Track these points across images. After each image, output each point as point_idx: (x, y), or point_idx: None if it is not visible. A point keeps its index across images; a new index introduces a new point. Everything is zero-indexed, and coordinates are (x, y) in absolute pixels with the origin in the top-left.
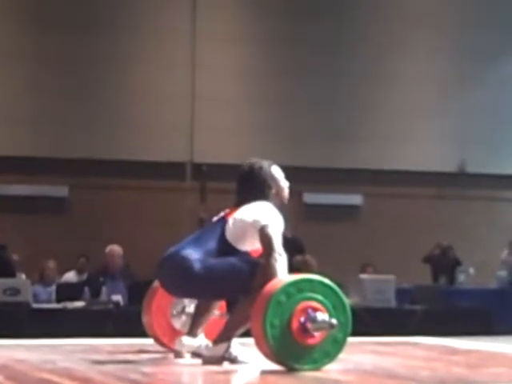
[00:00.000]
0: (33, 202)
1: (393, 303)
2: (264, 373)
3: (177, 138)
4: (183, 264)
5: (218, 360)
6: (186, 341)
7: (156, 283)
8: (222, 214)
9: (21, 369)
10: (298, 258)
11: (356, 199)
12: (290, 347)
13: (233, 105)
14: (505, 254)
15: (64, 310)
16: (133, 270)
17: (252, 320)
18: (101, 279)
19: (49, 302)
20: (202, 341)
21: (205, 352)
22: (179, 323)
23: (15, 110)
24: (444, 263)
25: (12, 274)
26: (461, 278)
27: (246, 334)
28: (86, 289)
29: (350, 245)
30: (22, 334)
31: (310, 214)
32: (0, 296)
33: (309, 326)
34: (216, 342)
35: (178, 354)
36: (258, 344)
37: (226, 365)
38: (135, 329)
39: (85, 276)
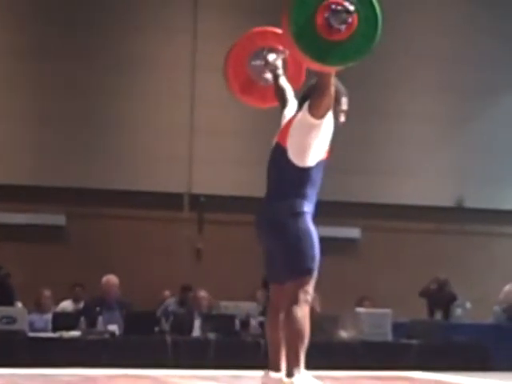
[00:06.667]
0: (29, 231)
1: (389, 337)
2: None
3: (175, 168)
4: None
5: None
6: (272, 375)
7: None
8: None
9: None
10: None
11: (354, 232)
12: (317, 44)
13: (231, 136)
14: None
15: (60, 339)
16: (129, 300)
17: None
18: (97, 309)
19: (45, 330)
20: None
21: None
22: (257, 74)
23: (14, 138)
24: (440, 298)
25: (11, 303)
26: (457, 312)
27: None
28: (82, 318)
29: (347, 278)
30: (18, 364)
31: None
32: None
33: (332, 20)
34: (287, 374)
35: None
36: (290, 48)
37: None
38: (131, 359)
39: (81, 305)
